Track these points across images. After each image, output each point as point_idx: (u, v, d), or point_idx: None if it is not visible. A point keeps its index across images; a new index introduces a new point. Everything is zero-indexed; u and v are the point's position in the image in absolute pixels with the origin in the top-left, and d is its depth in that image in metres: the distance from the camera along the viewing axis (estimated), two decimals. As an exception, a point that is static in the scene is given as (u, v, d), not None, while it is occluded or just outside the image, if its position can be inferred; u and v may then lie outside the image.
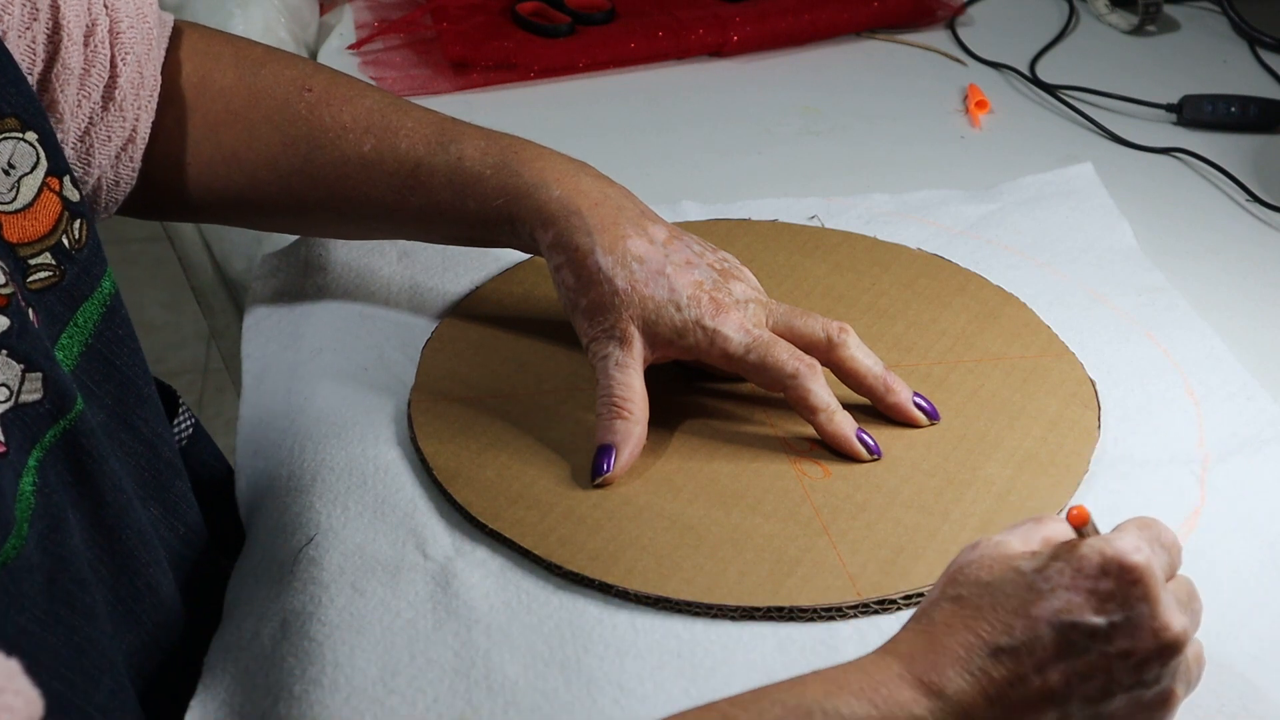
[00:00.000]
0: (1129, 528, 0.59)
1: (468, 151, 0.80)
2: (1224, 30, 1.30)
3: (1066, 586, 0.56)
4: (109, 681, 0.64)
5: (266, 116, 0.82)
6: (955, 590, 0.58)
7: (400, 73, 1.21)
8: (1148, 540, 0.58)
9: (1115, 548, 0.56)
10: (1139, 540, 0.57)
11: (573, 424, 0.78)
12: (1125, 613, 0.55)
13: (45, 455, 0.63)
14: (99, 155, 0.77)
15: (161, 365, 2.26)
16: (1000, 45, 1.27)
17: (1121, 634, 0.55)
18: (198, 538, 0.74)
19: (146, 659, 0.69)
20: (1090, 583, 0.56)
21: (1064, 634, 0.55)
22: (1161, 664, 0.56)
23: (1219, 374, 0.84)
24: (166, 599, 0.70)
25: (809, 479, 0.75)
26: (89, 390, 0.67)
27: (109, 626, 0.65)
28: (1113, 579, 0.55)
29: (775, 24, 1.26)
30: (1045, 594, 0.56)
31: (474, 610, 0.68)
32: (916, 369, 0.83)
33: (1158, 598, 0.55)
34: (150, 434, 0.71)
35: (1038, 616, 0.56)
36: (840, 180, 1.05)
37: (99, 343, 0.68)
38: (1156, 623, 0.55)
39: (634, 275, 0.76)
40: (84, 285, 0.68)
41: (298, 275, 0.92)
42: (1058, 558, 0.57)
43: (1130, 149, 1.11)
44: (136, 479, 0.70)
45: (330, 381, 0.82)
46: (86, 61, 0.74)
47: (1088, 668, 0.55)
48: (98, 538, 0.66)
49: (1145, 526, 0.59)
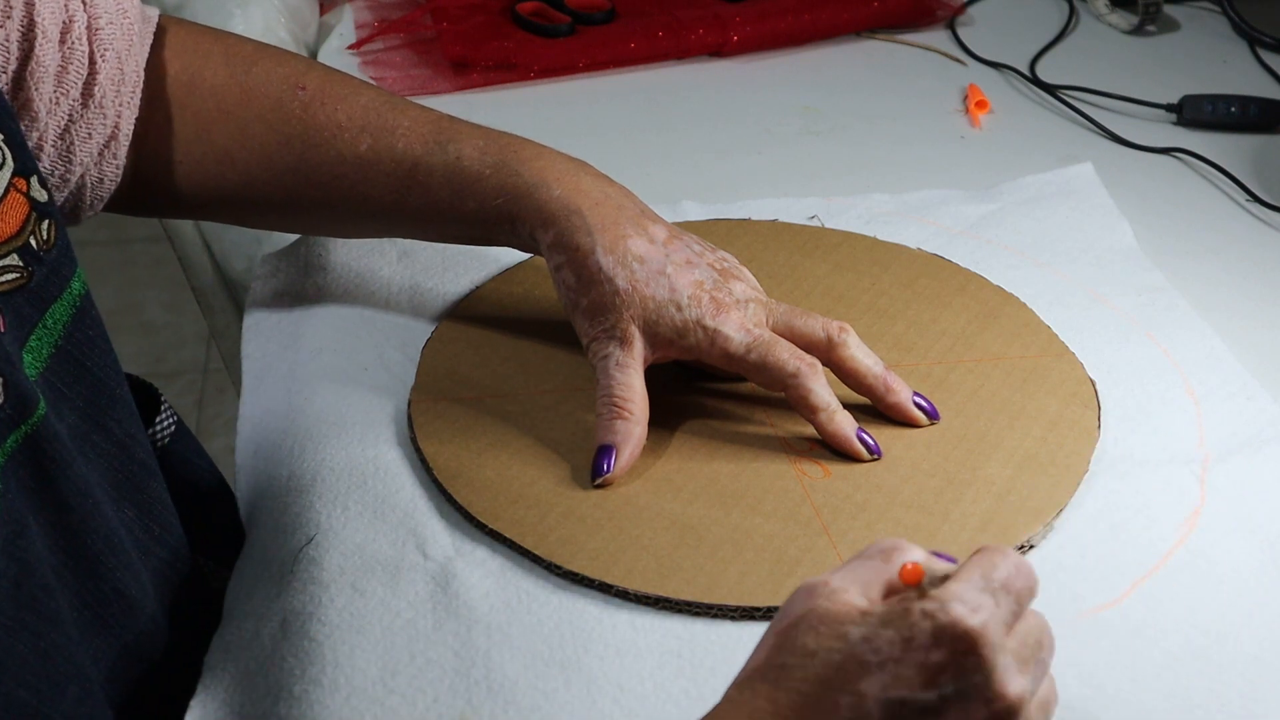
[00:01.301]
0: (970, 573, 0.54)
1: (466, 151, 0.80)
2: (1224, 30, 1.30)
3: (896, 659, 0.52)
4: (75, 688, 0.63)
5: (259, 115, 0.81)
6: (780, 659, 0.54)
7: (400, 73, 1.21)
8: (990, 590, 0.54)
9: (949, 614, 0.52)
10: (978, 597, 0.53)
11: (573, 424, 0.78)
12: (957, 685, 0.52)
13: (6, 461, 0.61)
14: (80, 153, 0.76)
15: (161, 365, 2.26)
16: (1000, 45, 1.27)
17: (954, 707, 0.52)
18: (174, 539, 0.73)
19: (121, 663, 0.68)
20: (921, 655, 0.52)
21: (892, 712, 0.52)
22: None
23: (1219, 374, 0.84)
24: (137, 603, 0.68)
25: (809, 479, 0.75)
26: (60, 392, 0.66)
27: (75, 633, 0.64)
28: (945, 649, 0.52)
29: (775, 24, 1.26)
30: (873, 668, 0.52)
31: (474, 610, 0.68)
32: (916, 369, 0.83)
33: (993, 664, 0.52)
34: (123, 435, 0.70)
35: (865, 692, 0.52)
36: (840, 180, 1.05)
37: (69, 344, 0.67)
38: (990, 691, 0.52)
39: (635, 275, 0.76)
40: (53, 286, 0.66)
41: (298, 276, 0.92)
42: (888, 624, 0.53)
43: (1130, 149, 1.11)
44: (110, 481, 0.69)
45: (330, 382, 0.82)
46: (64, 59, 0.73)
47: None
48: (62, 543, 0.65)
49: (989, 569, 0.55)
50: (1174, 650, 0.67)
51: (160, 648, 0.70)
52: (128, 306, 2.37)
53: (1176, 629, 0.68)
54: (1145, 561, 0.72)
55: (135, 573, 0.68)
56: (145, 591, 0.69)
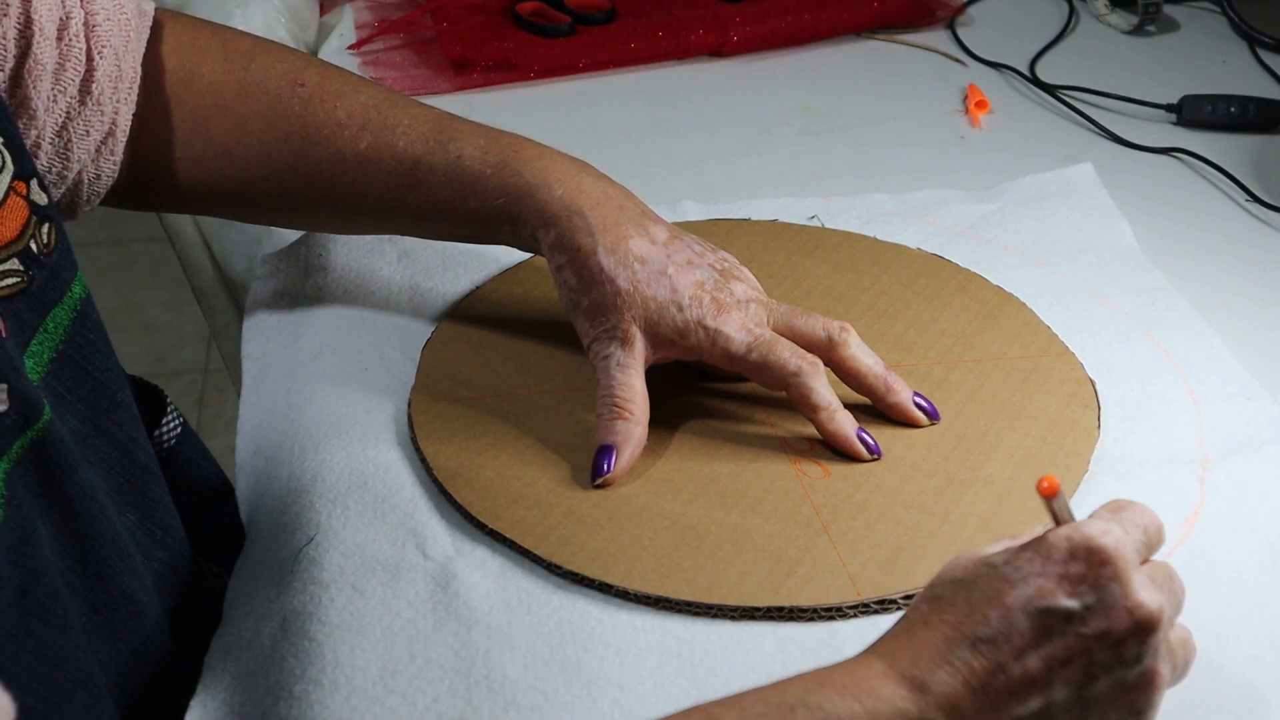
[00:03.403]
0: (1101, 512, 0.60)
1: (467, 150, 0.80)
2: (1224, 30, 1.30)
3: (1038, 573, 0.57)
4: (83, 695, 0.63)
5: (258, 112, 0.81)
6: (933, 591, 0.59)
7: (400, 73, 1.21)
8: (1118, 522, 0.59)
9: (1083, 532, 0.57)
10: (1107, 523, 0.58)
11: (573, 424, 0.78)
12: (1097, 593, 0.56)
13: (13, 467, 0.61)
14: (77, 149, 0.76)
15: (161, 365, 2.26)
16: (1000, 45, 1.27)
17: (1096, 615, 0.56)
18: (176, 541, 0.73)
19: (128, 667, 0.68)
20: (1060, 567, 0.56)
21: (1039, 619, 0.56)
22: (1139, 642, 0.56)
23: (1219, 374, 0.84)
24: (144, 606, 0.68)
25: (809, 479, 0.75)
26: (61, 396, 0.66)
27: (84, 638, 0.64)
28: (1082, 561, 0.56)
29: (775, 24, 1.26)
30: (1017, 583, 0.57)
31: (474, 610, 0.68)
32: (916, 369, 0.83)
33: (1129, 577, 0.56)
34: (125, 439, 0.70)
35: (1011, 605, 0.56)
36: (840, 180, 1.05)
37: (70, 348, 0.67)
38: (1130, 601, 0.56)
39: (636, 275, 0.76)
40: (54, 290, 0.66)
41: (298, 276, 0.92)
42: (1027, 549, 0.58)
43: (1130, 149, 1.11)
44: (112, 485, 0.69)
45: (330, 382, 0.82)
46: (61, 56, 0.73)
47: (1066, 651, 0.56)
48: (70, 548, 0.64)
49: (1118, 509, 0.61)
50: (1174, 650, 0.67)
51: (164, 650, 0.70)
52: (128, 306, 2.37)
53: (1176, 629, 0.68)
54: (1145, 561, 0.72)
55: (140, 576, 0.68)
56: (150, 595, 0.69)
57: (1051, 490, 0.58)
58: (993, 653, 0.56)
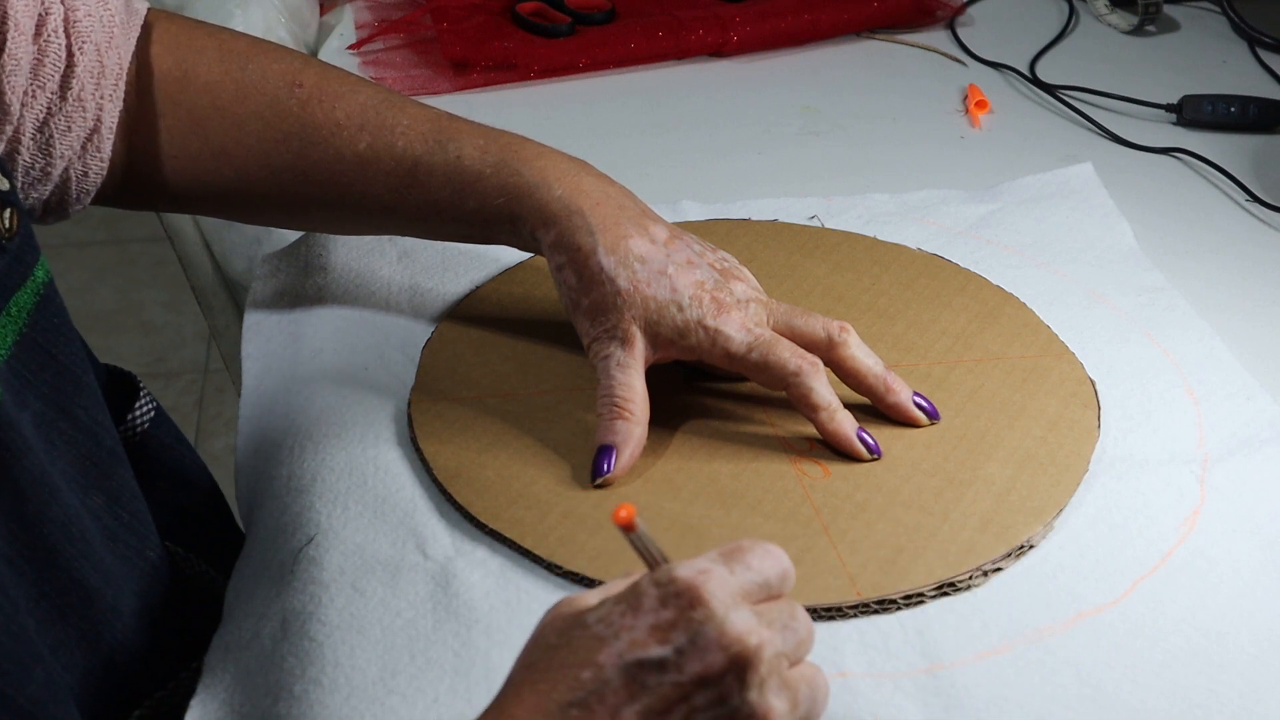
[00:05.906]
0: (712, 553, 0.56)
1: (467, 150, 0.80)
2: (1224, 30, 1.30)
3: (629, 627, 0.54)
4: (41, 673, 0.63)
5: (256, 112, 0.81)
6: (529, 658, 0.56)
7: (400, 73, 1.21)
8: (724, 562, 0.56)
9: (672, 575, 0.54)
10: (707, 563, 0.55)
11: (573, 424, 0.78)
12: (689, 636, 0.53)
13: None
14: (60, 146, 0.76)
15: (161, 365, 2.26)
16: (1000, 45, 1.27)
17: (690, 659, 0.53)
18: (143, 526, 0.72)
19: (79, 653, 0.67)
20: (651, 617, 0.54)
21: (631, 673, 0.53)
22: (739, 679, 0.53)
23: (1219, 374, 0.84)
24: (96, 593, 0.68)
25: (809, 479, 0.75)
26: (25, 379, 0.66)
27: (31, 622, 0.64)
28: (672, 607, 0.53)
29: (775, 24, 1.26)
30: (608, 639, 0.54)
31: (474, 610, 0.68)
32: (916, 369, 0.83)
33: (724, 615, 0.53)
34: (90, 422, 0.69)
35: (604, 663, 0.53)
36: (840, 180, 1.05)
37: (34, 332, 0.67)
38: (725, 639, 0.53)
39: (636, 275, 0.76)
40: (16, 275, 0.66)
41: (298, 276, 0.92)
42: (619, 601, 0.55)
43: (1130, 149, 1.11)
44: (77, 468, 0.68)
45: (330, 381, 0.82)
46: (39, 52, 0.73)
47: (663, 703, 0.53)
48: (17, 532, 0.64)
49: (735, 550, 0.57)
50: (1174, 650, 0.67)
51: (120, 637, 0.69)
52: (128, 306, 2.37)
53: (1176, 629, 0.68)
54: (1145, 561, 0.72)
55: (96, 561, 0.68)
56: (107, 580, 0.68)
57: (628, 522, 0.54)
58: (585, 716, 0.53)
